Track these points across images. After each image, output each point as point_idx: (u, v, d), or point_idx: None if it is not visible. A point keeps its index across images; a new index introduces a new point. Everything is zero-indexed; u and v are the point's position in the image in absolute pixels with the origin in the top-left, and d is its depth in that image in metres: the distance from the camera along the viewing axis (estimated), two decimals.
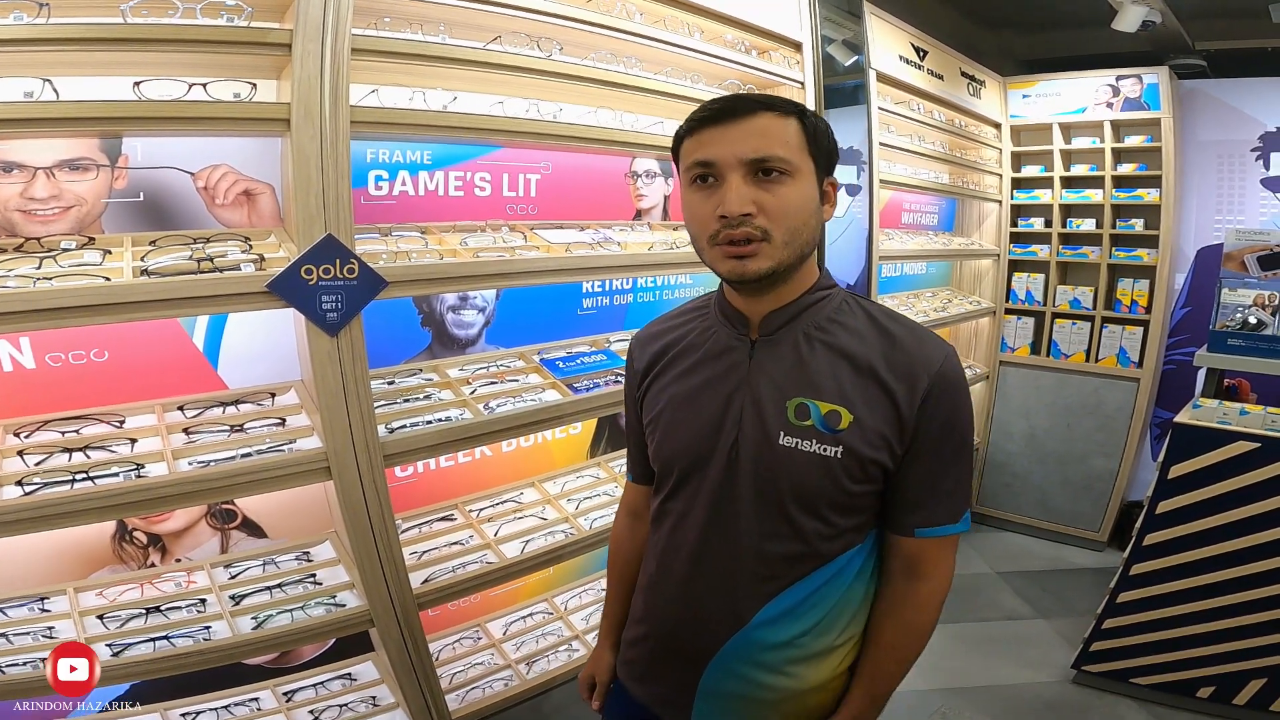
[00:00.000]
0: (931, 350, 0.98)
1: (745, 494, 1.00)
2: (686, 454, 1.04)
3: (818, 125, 0.98)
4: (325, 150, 1.28)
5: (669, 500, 1.09)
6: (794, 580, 1.00)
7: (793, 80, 2.32)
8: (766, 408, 0.99)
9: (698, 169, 0.96)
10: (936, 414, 0.96)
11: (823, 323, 1.01)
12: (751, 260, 0.93)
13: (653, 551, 1.14)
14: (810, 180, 0.96)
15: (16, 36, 1.08)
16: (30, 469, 1.22)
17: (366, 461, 1.42)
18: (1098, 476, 3.78)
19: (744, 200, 0.92)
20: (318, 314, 1.30)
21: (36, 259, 1.18)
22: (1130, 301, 3.65)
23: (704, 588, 1.04)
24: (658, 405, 1.09)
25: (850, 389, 0.96)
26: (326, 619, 1.46)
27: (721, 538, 1.02)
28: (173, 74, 1.26)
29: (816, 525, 0.98)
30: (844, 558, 1.01)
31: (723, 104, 0.96)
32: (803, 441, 0.96)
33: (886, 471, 0.98)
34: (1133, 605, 2.54)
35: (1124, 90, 3.56)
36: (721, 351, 1.05)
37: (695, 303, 1.16)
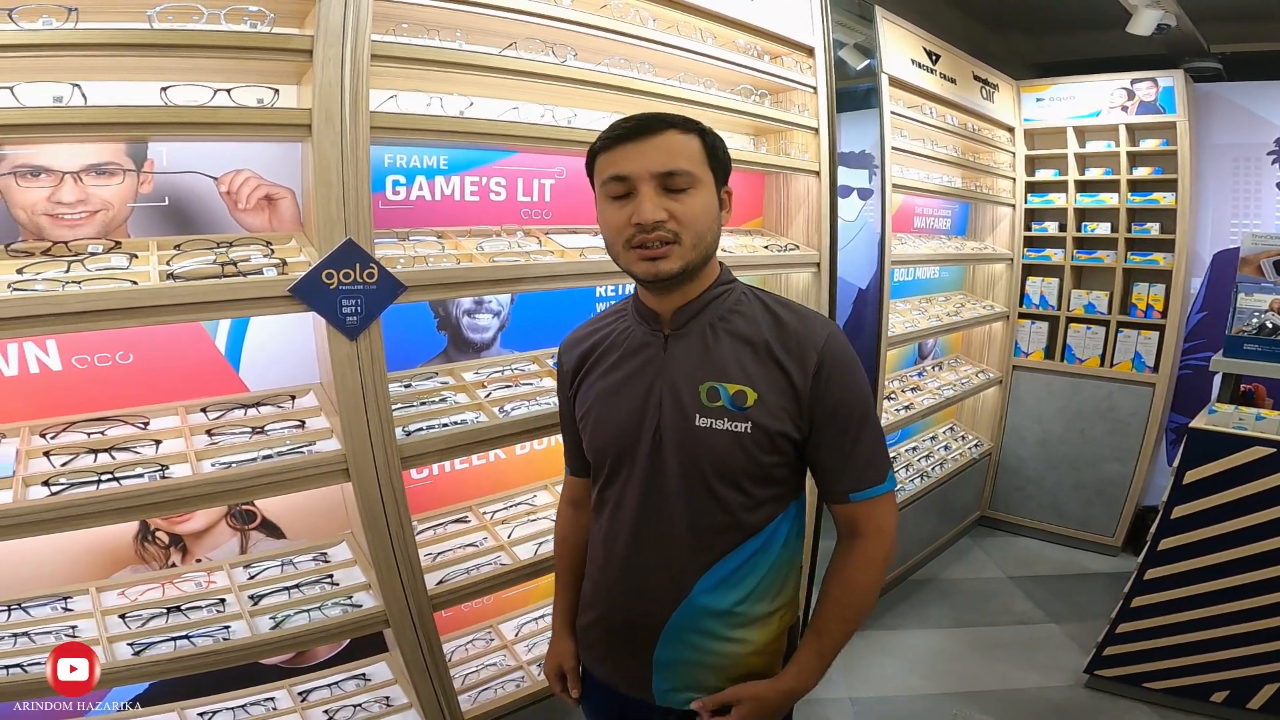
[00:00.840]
0: (816, 329, 1.10)
1: (672, 473, 1.10)
2: (616, 443, 1.15)
3: (715, 142, 1.11)
4: (346, 155, 1.30)
5: (605, 488, 1.20)
6: (726, 551, 1.11)
7: (805, 85, 2.33)
8: (682, 393, 1.10)
9: (613, 183, 1.07)
10: (830, 385, 1.08)
11: (725, 314, 1.13)
12: (664, 261, 1.06)
13: (596, 539, 1.25)
14: (711, 190, 1.09)
15: (45, 41, 1.09)
16: (56, 469, 1.24)
17: (384, 464, 1.43)
18: (1111, 481, 3.77)
19: (657, 208, 1.04)
20: (338, 318, 1.32)
21: (64, 263, 1.20)
22: (1146, 306, 3.63)
23: (646, 564, 1.15)
24: (587, 401, 1.21)
25: (752, 370, 1.09)
26: (343, 619, 1.48)
27: (656, 516, 1.13)
28: (197, 79, 1.28)
29: (737, 496, 1.09)
30: (769, 528, 1.13)
31: (634, 123, 1.07)
32: (716, 420, 1.08)
33: (795, 443, 1.10)
34: (1146, 610, 2.54)
35: (1139, 93, 3.54)
36: (639, 347, 1.16)
37: (615, 307, 1.28)
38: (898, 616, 3.20)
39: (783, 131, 2.38)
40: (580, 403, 1.23)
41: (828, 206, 2.43)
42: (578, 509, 1.36)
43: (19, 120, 1.08)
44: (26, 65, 1.14)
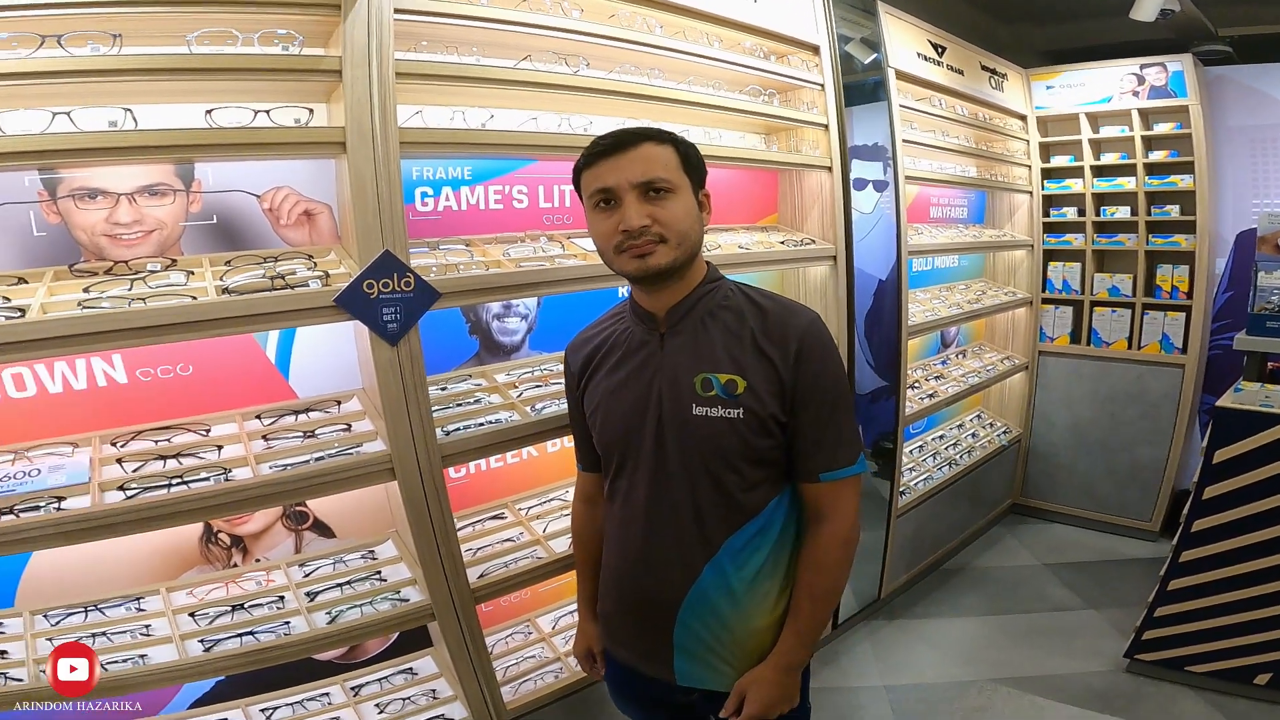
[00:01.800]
0: (798, 318, 1.19)
1: (674, 460, 1.19)
2: (622, 436, 1.25)
3: (688, 150, 1.21)
4: (379, 170, 1.38)
5: (616, 479, 1.29)
6: (730, 533, 1.20)
7: (812, 83, 2.38)
8: (680, 386, 1.19)
9: (598, 195, 1.17)
10: (809, 368, 1.16)
11: (714, 309, 1.22)
12: (652, 256, 1.15)
13: (610, 528, 1.34)
14: (688, 194, 1.18)
15: (95, 68, 1.18)
16: (129, 475, 1.33)
17: (426, 462, 1.51)
18: (1145, 465, 3.73)
19: (641, 215, 1.13)
20: (379, 325, 1.41)
21: (127, 281, 1.30)
22: (1171, 287, 3.61)
23: (658, 549, 1.23)
24: (595, 399, 1.30)
25: (741, 359, 1.17)
26: (392, 614, 1.55)
27: (664, 502, 1.21)
28: (231, 100, 1.37)
29: (734, 478, 1.18)
30: (768, 509, 1.21)
31: (612, 140, 1.17)
32: (711, 409, 1.16)
33: (782, 425, 1.18)
34: (1185, 593, 2.52)
35: (1149, 79, 3.54)
36: (639, 346, 1.25)
37: (614, 311, 1.37)
38: (931, 605, 3.21)
39: (793, 129, 2.44)
40: (588, 401, 1.32)
41: (841, 200, 2.48)
42: (591, 505, 1.45)
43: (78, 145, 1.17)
44: (79, 90, 1.23)
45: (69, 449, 1.38)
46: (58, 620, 1.41)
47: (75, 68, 1.17)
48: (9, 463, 1.32)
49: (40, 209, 1.33)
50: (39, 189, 1.32)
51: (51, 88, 1.20)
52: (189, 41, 1.24)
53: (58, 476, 1.28)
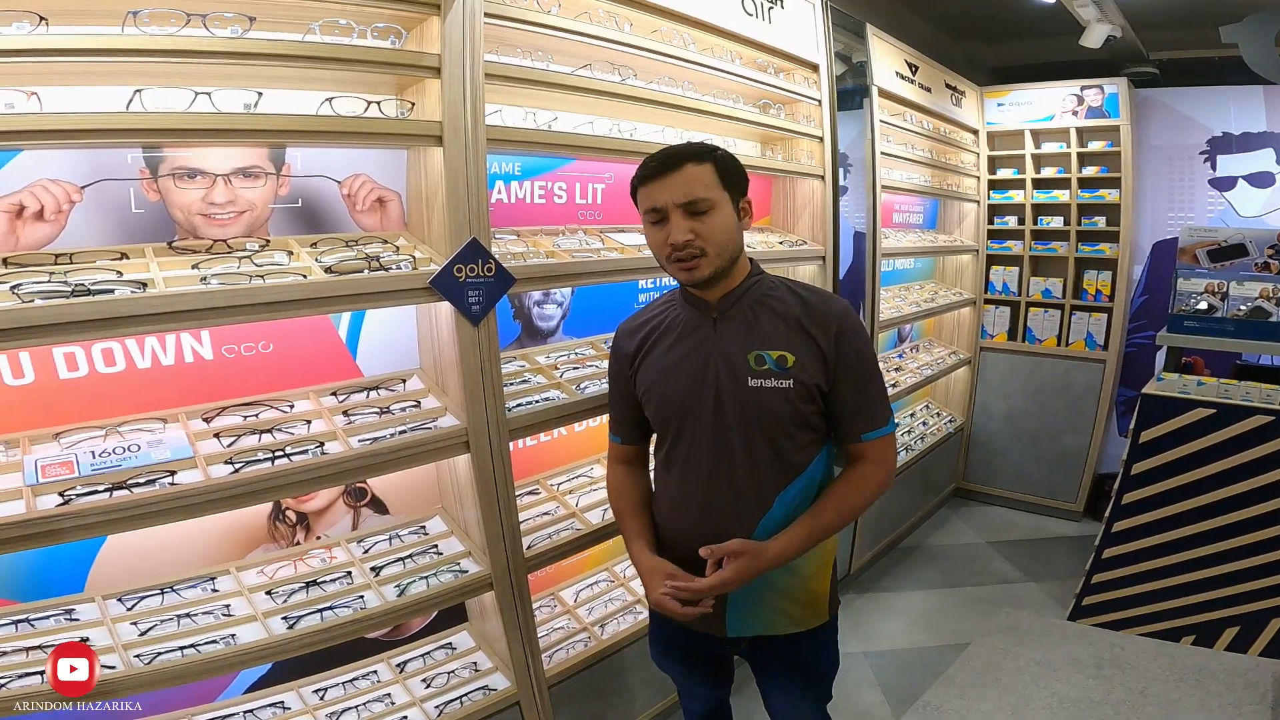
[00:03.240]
0: (835, 305, 1.37)
1: (733, 427, 1.34)
2: (680, 407, 1.38)
3: (727, 164, 1.34)
4: (469, 163, 1.48)
5: (674, 447, 1.42)
6: (781, 488, 1.35)
7: (811, 98, 2.58)
8: (735, 361, 1.34)
9: (651, 213, 1.34)
10: (847, 346, 1.34)
11: (761, 297, 1.38)
12: (696, 270, 1.32)
13: (667, 491, 1.45)
14: (727, 207, 1.33)
15: (232, 49, 1.22)
16: (227, 450, 1.37)
17: (497, 436, 1.61)
18: (1070, 452, 4.10)
19: (685, 232, 1.29)
20: (466, 306, 1.50)
21: (230, 259, 1.35)
22: (1095, 291, 4.02)
23: (718, 507, 1.36)
24: (650, 376, 1.43)
25: (790, 339, 1.34)
26: (454, 584, 1.63)
27: (723, 463, 1.35)
28: (321, 89, 1.43)
29: (787, 440, 1.34)
30: (810, 467, 1.37)
31: (658, 163, 1.32)
32: (765, 380, 1.33)
33: (824, 394, 1.35)
34: (1117, 560, 2.82)
35: (1088, 99, 3.92)
36: (693, 328, 1.40)
37: (663, 298, 1.51)
38: (894, 579, 3.49)
39: (791, 139, 2.63)
40: (642, 379, 1.45)
41: (831, 206, 2.70)
42: (628, 465, 1.56)
43: (206, 125, 1.23)
44: (214, 71, 1.28)
45: (160, 424, 1.40)
46: (132, 604, 1.42)
47: (215, 48, 1.21)
48: (102, 438, 1.34)
49: (141, 186, 1.35)
50: (141, 167, 1.35)
51: (188, 66, 1.23)
52: (313, 29, 1.30)
53: (161, 451, 1.31)
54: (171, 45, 1.17)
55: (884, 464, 1.39)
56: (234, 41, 1.22)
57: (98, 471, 1.24)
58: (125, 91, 1.22)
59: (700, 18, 2.02)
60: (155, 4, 1.17)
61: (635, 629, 2.11)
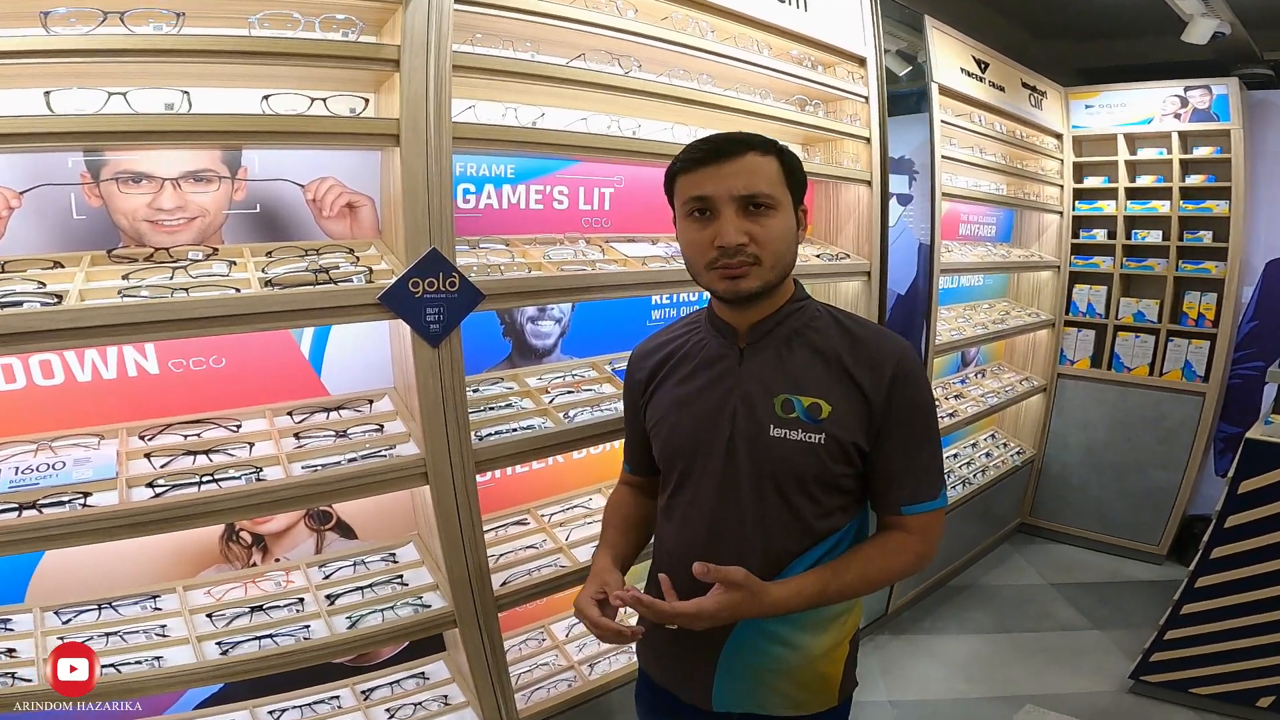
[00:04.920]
0: (890, 346, 1.13)
1: (745, 479, 1.12)
2: (689, 448, 1.17)
3: (792, 160, 1.13)
4: (430, 165, 1.34)
5: (676, 494, 1.21)
6: (795, 556, 1.12)
7: (857, 95, 2.34)
8: (757, 404, 1.12)
9: (694, 204, 1.10)
10: (901, 400, 1.10)
11: (799, 329, 1.16)
12: (744, 280, 1.09)
13: (663, 543, 1.25)
14: (789, 211, 1.11)
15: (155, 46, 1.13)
16: (158, 471, 1.29)
17: (460, 467, 1.47)
18: (1158, 489, 3.73)
19: (740, 232, 1.06)
20: (422, 325, 1.36)
21: (168, 269, 1.26)
22: (1197, 315, 3.58)
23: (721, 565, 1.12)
24: (660, 409, 1.23)
25: (826, 383, 1.11)
26: (413, 619, 1.51)
27: (728, 520, 1.14)
28: (279, 86, 1.32)
29: (807, 503, 1.11)
30: (835, 536, 1.14)
31: (714, 145, 1.09)
32: (790, 431, 1.10)
33: (863, 453, 1.11)
34: (1196, 617, 2.54)
35: (1193, 101, 3.50)
36: (714, 359, 1.18)
37: (687, 319, 1.31)
38: (937, 620, 3.19)
39: (832, 140, 2.39)
40: (653, 411, 1.25)
41: (879, 215, 2.44)
42: (633, 488, 1.38)
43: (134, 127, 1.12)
44: (136, 70, 1.18)
45: (95, 440, 1.33)
46: (69, 618, 1.36)
47: (136, 46, 1.12)
48: (32, 454, 1.28)
49: (82, 191, 1.28)
50: (82, 171, 1.28)
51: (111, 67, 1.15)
52: (251, 24, 1.19)
53: (84, 470, 1.24)
54: (89, 45, 1.08)
55: (926, 539, 1.16)
56: (155, 39, 1.12)
57: (15, 489, 1.17)
58: (36, 93, 1.14)
59: (720, 3, 1.82)
60: (70, 2, 1.08)
61: (627, 670, 1.95)
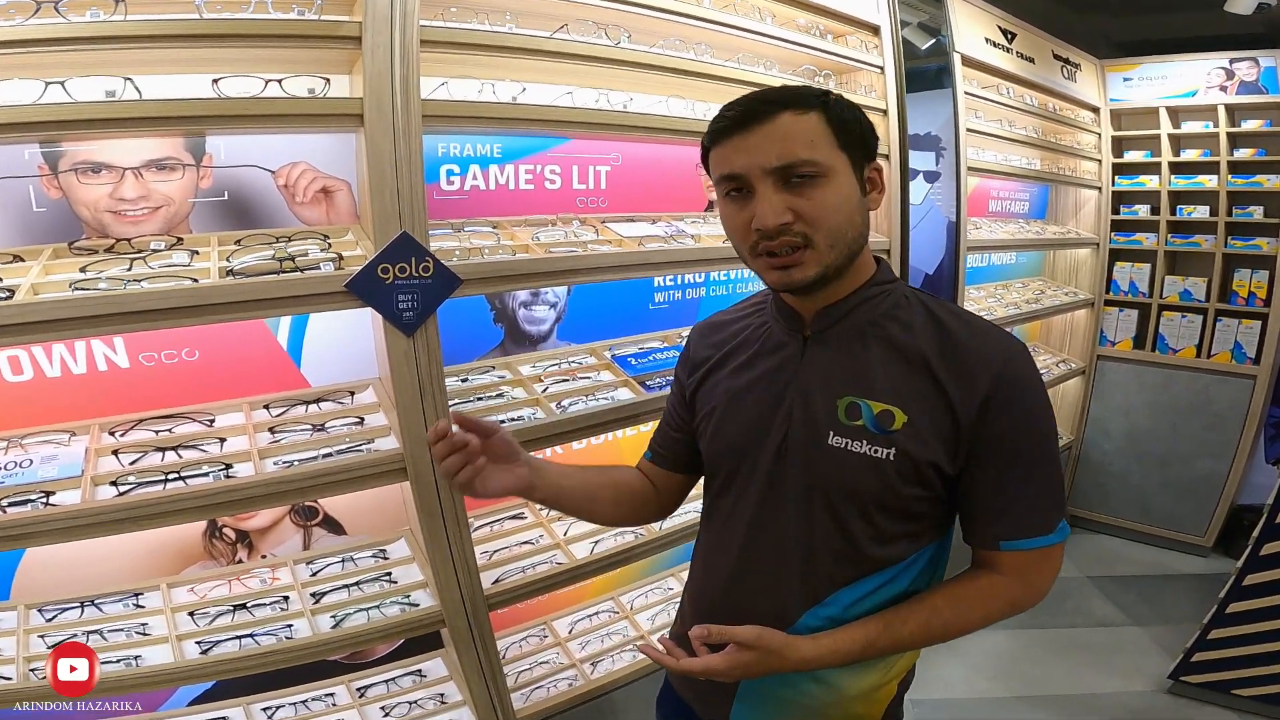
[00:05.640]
0: (992, 348, 0.91)
1: (793, 492, 0.97)
2: (734, 450, 1.03)
3: (844, 114, 0.91)
4: (398, 145, 1.27)
5: (720, 496, 1.07)
6: (842, 584, 0.96)
7: (871, 65, 2.21)
8: (816, 406, 0.95)
9: (727, 183, 0.93)
10: (1001, 419, 0.89)
11: (878, 319, 0.96)
12: (797, 269, 0.90)
13: (700, 550, 1.13)
14: (846, 175, 0.90)
15: (95, 34, 1.08)
16: (125, 468, 1.25)
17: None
18: (1204, 479, 3.53)
19: (778, 211, 0.88)
20: (394, 313, 1.30)
21: (127, 260, 1.21)
22: (1248, 293, 3.36)
23: (751, 587, 1.01)
24: (711, 400, 1.08)
25: (904, 388, 0.92)
26: (401, 619, 1.46)
27: (768, 535, 0.99)
28: (245, 70, 1.26)
29: (865, 527, 0.94)
30: (897, 568, 0.96)
31: (740, 110, 0.90)
32: (853, 442, 0.92)
33: (945, 476, 0.92)
34: (1243, 616, 2.40)
35: (1239, 73, 3.30)
36: (775, 348, 1.02)
37: (758, 296, 1.13)
38: None
39: None
40: (703, 400, 1.09)
41: (898, 191, 2.32)
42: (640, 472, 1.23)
43: (75, 116, 1.08)
44: (76, 60, 1.14)
45: (66, 437, 1.30)
46: (53, 616, 1.35)
47: (74, 34, 1.07)
48: (1, 451, 1.25)
49: (40, 183, 1.24)
50: (39, 163, 1.24)
51: (49, 56, 1.10)
52: (199, 7, 1.13)
53: (49, 469, 1.20)
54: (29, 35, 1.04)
55: (1029, 583, 0.95)
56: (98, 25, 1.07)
57: None
58: None
59: None
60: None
61: (632, 669, 1.88)
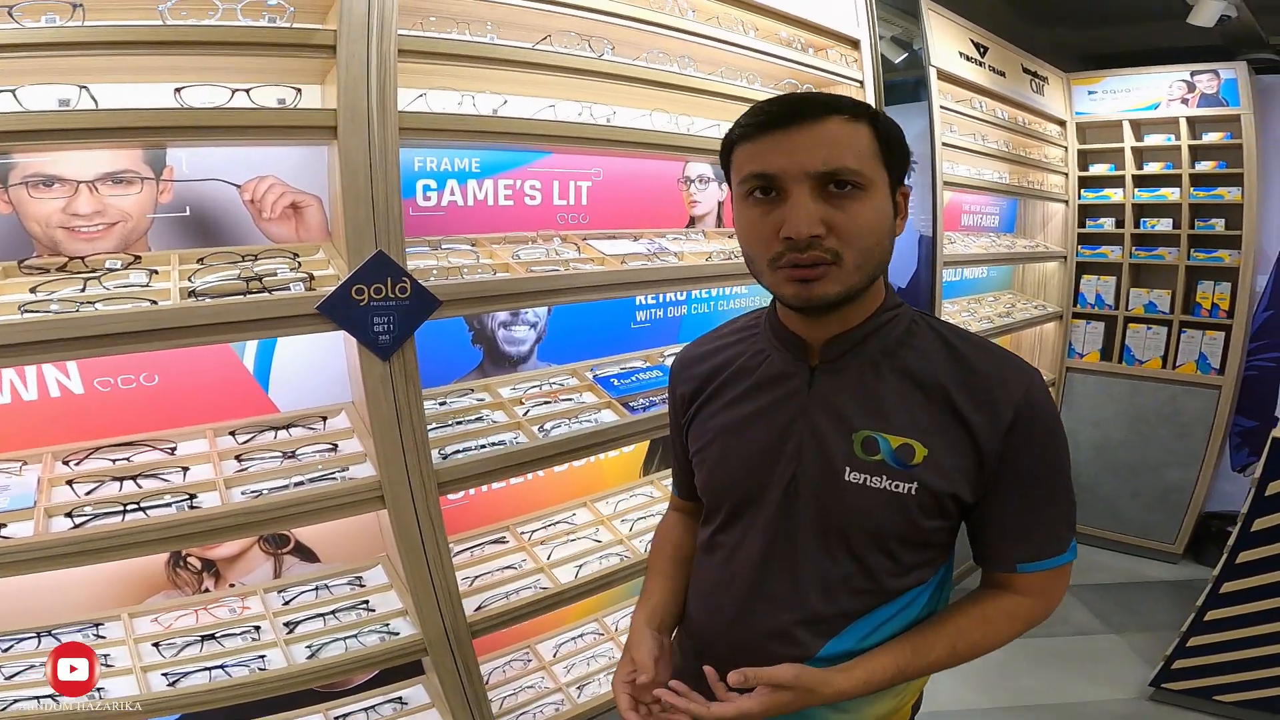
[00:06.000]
0: (1015, 376, 0.89)
1: (806, 531, 0.93)
2: (737, 489, 0.98)
3: (891, 130, 0.88)
4: (374, 159, 1.22)
5: (721, 533, 1.02)
6: (861, 614, 0.93)
7: (851, 79, 2.21)
8: (829, 441, 0.91)
9: (756, 181, 0.86)
10: (1025, 448, 0.88)
11: (892, 346, 0.93)
12: (819, 284, 0.84)
13: (702, 579, 1.06)
14: (884, 193, 0.86)
15: (50, 40, 1.02)
16: (80, 499, 1.17)
17: (421, 490, 1.35)
18: (1173, 487, 3.60)
19: (813, 220, 0.82)
20: (369, 336, 1.24)
21: (80, 280, 1.14)
22: (1211, 305, 3.45)
23: (760, 629, 0.96)
24: (705, 435, 1.03)
25: (924, 420, 0.89)
26: (380, 648, 1.40)
27: (779, 576, 0.95)
28: (214, 79, 1.20)
29: (885, 562, 0.91)
30: (910, 594, 0.94)
31: (785, 106, 0.85)
32: (873, 478, 0.89)
33: (964, 505, 0.91)
34: (1221, 623, 2.43)
35: (1200, 86, 3.38)
36: (777, 378, 0.97)
37: (742, 321, 1.09)
38: None
39: None
40: (696, 436, 1.04)
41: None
42: (685, 514, 1.19)
43: (22, 126, 1.01)
44: (29, 67, 1.07)
45: (17, 466, 1.22)
46: (8, 646, 1.26)
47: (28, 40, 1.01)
48: None
49: None
50: None
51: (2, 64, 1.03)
52: (162, 14, 1.07)
53: (0, 499, 1.12)
54: None
55: (1046, 599, 0.96)
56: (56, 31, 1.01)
57: None
58: None
59: None
60: None
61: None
